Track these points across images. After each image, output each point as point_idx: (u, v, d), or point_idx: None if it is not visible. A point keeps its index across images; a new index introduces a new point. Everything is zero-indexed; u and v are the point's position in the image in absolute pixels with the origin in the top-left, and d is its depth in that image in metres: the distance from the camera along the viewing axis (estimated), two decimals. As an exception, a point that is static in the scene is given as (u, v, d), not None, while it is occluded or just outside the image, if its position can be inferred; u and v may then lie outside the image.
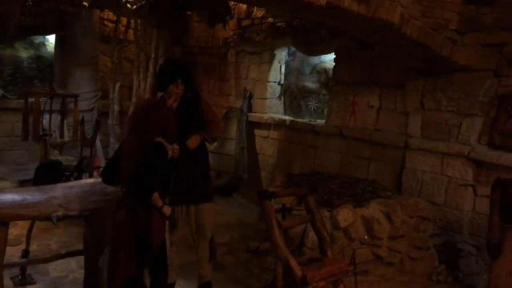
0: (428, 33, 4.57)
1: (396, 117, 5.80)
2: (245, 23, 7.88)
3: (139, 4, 5.81)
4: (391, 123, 5.86)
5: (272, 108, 7.96)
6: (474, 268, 4.62)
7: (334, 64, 6.77)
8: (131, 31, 7.65)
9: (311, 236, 4.20)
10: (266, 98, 7.94)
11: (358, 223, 4.48)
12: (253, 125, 7.98)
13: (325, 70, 7.40)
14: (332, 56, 6.87)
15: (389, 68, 5.82)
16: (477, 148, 4.93)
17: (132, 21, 7.38)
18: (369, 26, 4.33)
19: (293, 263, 3.43)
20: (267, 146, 7.78)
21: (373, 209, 4.58)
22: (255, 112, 8.01)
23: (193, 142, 3.72)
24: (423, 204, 4.89)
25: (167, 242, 3.43)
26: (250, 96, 8.10)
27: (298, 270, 3.38)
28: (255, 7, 7.62)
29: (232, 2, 7.13)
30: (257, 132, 7.98)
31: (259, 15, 7.59)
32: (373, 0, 3.99)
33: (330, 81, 7.01)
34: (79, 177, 5.82)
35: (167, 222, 3.36)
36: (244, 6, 7.75)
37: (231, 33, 8.14)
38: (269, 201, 3.67)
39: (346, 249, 4.39)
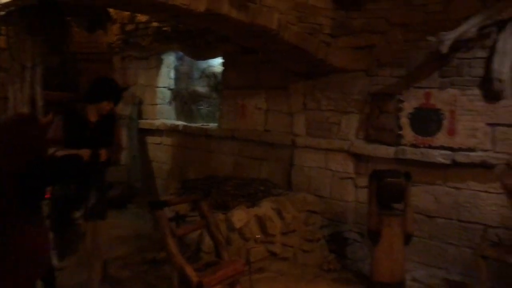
0: (305, 38, 4.83)
1: (282, 118, 6.06)
2: (129, 28, 7.67)
3: (6, 10, 5.38)
4: (279, 123, 6.11)
5: (164, 113, 7.86)
6: (360, 254, 5.00)
7: (222, 68, 6.87)
8: (2, 38, 7.03)
9: (207, 241, 4.23)
10: (156, 104, 7.81)
11: (252, 222, 4.61)
12: (144, 132, 7.80)
13: (214, 74, 7.48)
14: (220, 60, 6.97)
15: (273, 71, 6.07)
16: (355, 143, 5.33)
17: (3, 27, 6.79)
18: (249, 32, 4.47)
19: (189, 270, 3.43)
20: (160, 153, 7.66)
21: (266, 208, 4.75)
22: (146, 119, 7.84)
23: (103, 155, 3.63)
24: (311, 199, 5.17)
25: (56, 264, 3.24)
26: (140, 103, 7.91)
27: (193, 277, 3.38)
28: (138, 12, 7.46)
29: (114, 7, 6.90)
30: (150, 139, 7.82)
31: (143, 20, 7.44)
32: (252, 6, 4.13)
33: (220, 85, 7.11)
34: None
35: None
36: (127, 10, 7.54)
37: (115, 38, 7.88)
38: (161, 210, 3.63)
39: (242, 249, 4.49)
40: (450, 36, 4.38)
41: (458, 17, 4.54)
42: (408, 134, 4.94)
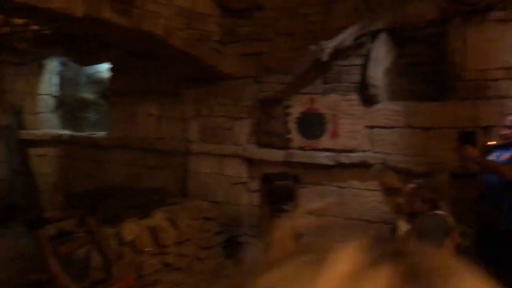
0: (194, 44, 4.82)
1: (176, 124, 5.98)
2: (3, 30, 7.04)
3: None
4: (173, 130, 6.01)
5: (47, 123, 7.33)
6: (255, 257, 5.09)
7: (111, 74, 6.60)
8: None
9: (95, 257, 4.01)
10: (39, 113, 7.26)
11: (144, 234, 4.47)
12: (26, 144, 7.21)
13: (102, 80, 7.16)
14: (108, 65, 6.68)
15: (166, 77, 5.97)
16: (247, 148, 5.43)
17: None
18: (134, 37, 4.35)
19: (74, 290, 3.23)
20: (44, 165, 7.13)
21: (158, 218, 4.63)
22: (27, 129, 7.24)
23: None
24: (206, 205, 5.16)
25: None
26: (20, 111, 7.30)
27: (79, 297, 3.19)
28: (15, 14, 6.87)
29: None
30: (32, 150, 7.24)
31: (21, 22, 6.88)
32: (135, 12, 4.01)
33: (108, 91, 6.81)
34: None
35: None
36: (1, 11, 6.91)
37: (-13, 41, 7.18)
38: (41, 228, 3.37)
39: (135, 263, 4.33)
40: (329, 45, 4.65)
41: (336, 27, 4.83)
42: (296, 138, 5.14)
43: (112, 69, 6.55)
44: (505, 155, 3.63)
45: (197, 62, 4.98)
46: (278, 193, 4.38)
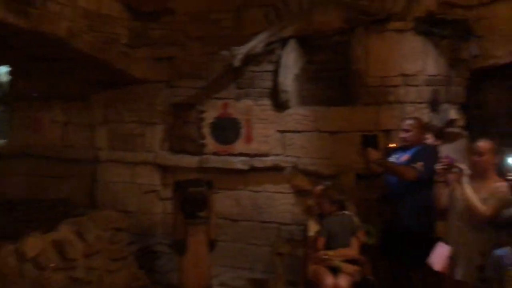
0: (100, 47, 4.62)
1: (84, 131, 5.69)
2: None
3: None
4: (80, 137, 5.71)
5: None
6: (170, 266, 4.97)
7: (10, 77, 6.12)
8: None
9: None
10: None
11: (49, 249, 4.17)
12: None
13: (1, 84, 6.63)
14: (7, 68, 6.20)
15: (72, 81, 5.66)
16: (160, 154, 5.30)
17: None
18: (34, 39, 4.07)
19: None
20: None
21: (64, 231, 4.35)
22: None
23: None
24: (116, 215, 4.93)
25: None
26: None
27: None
28: None
29: None
30: None
31: None
32: (34, 12, 3.75)
33: (8, 96, 6.31)
34: None
35: None
36: None
37: None
38: None
39: (38, 280, 4.03)
40: (241, 51, 4.69)
41: (248, 33, 4.89)
42: (210, 143, 5.12)
43: (11, 73, 6.08)
44: (404, 157, 3.88)
45: (104, 65, 4.78)
46: (192, 200, 4.32)
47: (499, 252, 2.88)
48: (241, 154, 5.02)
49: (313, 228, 3.98)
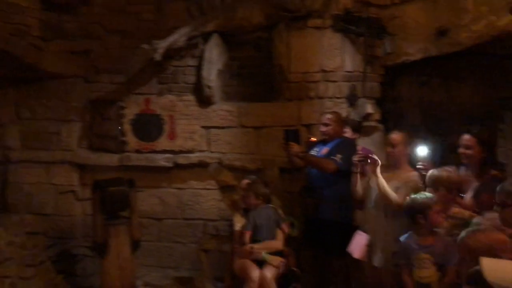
0: (8, 39, 4.28)
1: (-8, 130, 5.26)
2: None
3: None
4: (-13, 136, 5.28)
5: None
6: (91, 269, 4.76)
7: None
8: None
9: None
10: None
11: (-48, 258, 3.83)
12: None
13: None
14: None
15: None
16: (78, 153, 5.05)
17: None
18: None
19: None
20: None
21: (-30, 238, 4.01)
22: None
23: None
24: (30, 219, 4.65)
25: None
26: None
27: None
28: None
29: None
30: None
31: None
32: None
33: None
34: None
35: None
36: None
37: None
38: None
39: None
40: (162, 45, 4.57)
41: (169, 27, 4.78)
42: (132, 140, 4.95)
43: None
44: (323, 150, 4.01)
45: (12, 59, 4.43)
46: (112, 199, 4.16)
47: (403, 237, 3.07)
48: (164, 151, 4.90)
49: (239, 222, 4.00)
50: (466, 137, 3.30)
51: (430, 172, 3.18)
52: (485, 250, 1.84)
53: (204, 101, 4.86)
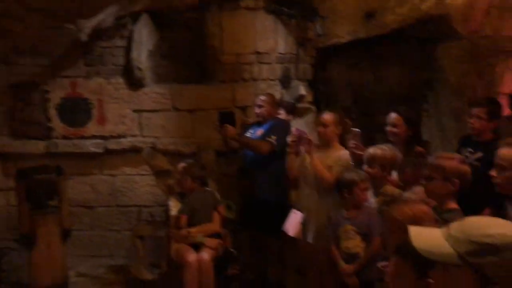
0: None
1: None
2: None
3: None
4: None
5: None
6: (18, 263, 4.50)
7: None
8: None
9: None
10: None
11: None
12: None
13: None
14: None
15: None
16: (-1, 140, 4.72)
17: None
18: None
19: None
20: None
21: None
22: None
23: None
24: None
25: None
26: None
27: None
28: None
29: None
30: None
31: None
32: None
33: None
34: None
35: None
36: None
37: None
38: None
39: None
40: (88, 25, 4.35)
41: (95, 6, 4.53)
42: (58, 126, 4.69)
43: None
44: (258, 132, 4.03)
45: None
46: (38, 188, 3.95)
47: (334, 212, 3.20)
48: (94, 137, 4.70)
49: (175, 207, 3.95)
50: (392, 116, 3.44)
51: (368, 149, 3.27)
52: (409, 220, 1.95)
53: (134, 83, 4.70)
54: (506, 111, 3.85)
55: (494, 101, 3.67)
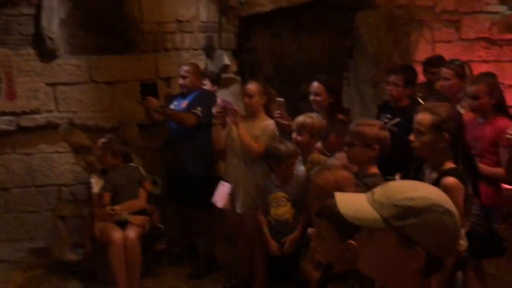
0: None
1: None
2: None
3: None
4: None
5: None
6: None
7: None
8: None
9: None
10: None
11: None
12: None
13: None
14: None
15: None
16: None
17: None
18: None
19: None
20: None
21: None
22: None
23: None
24: None
25: None
26: None
27: None
28: None
29: None
30: None
31: None
32: None
33: None
34: None
35: None
36: None
37: None
38: None
39: None
40: (-12, -10, 3.94)
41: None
42: (-39, 102, 4.27)
43: None
44: (183, 103, 3.93)
45: None
46: None
47: (263, 180, 3.24)
48: (4, 113, 4.32)
49: (97, 184, 3.78)
50: (315, 85, 3.49)
51: (297, 118, 3.28)
52: (332, 186, 2.01)
53: (46, 55, 4.36)
54: (420, 79, 4.04)
55: (410, 69, 3.85)
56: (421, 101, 3.46)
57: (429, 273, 1.06)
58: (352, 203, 1.09)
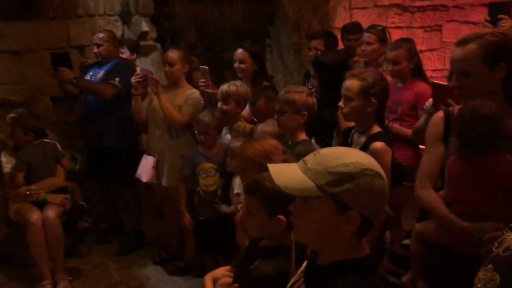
0: None
1: None
2: None
3: None
4: None
5: None
6: None
7: None
8: None
9: None
10: None
11: None
12: None
13: None
14: None
15: None
16: None
17: None
18: None
19: None
20: None
21: None
22: None
23: None
24: None
25: None
26: None
27: None
28: None
29: None
30: None
31: None
32: None
33: None
34: None
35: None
36: None
37: None
38: None
39: None
40: None
41: None
42: None
43: None
44: (99, 74, 3.70)
45: None
46: None
47: (190, 151, 3.17)
48: None
49: (8, 163, 3.50)
50: (239, 51, 3.42)
51: (222, 86, 3.21)
52: (261, 156, 2.00)
53: None
54: (340, 45, 4.11)
55: (330, 34, 3.90)
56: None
57: (362, 235, 1.09)
58: (286, 174, 1.08)
